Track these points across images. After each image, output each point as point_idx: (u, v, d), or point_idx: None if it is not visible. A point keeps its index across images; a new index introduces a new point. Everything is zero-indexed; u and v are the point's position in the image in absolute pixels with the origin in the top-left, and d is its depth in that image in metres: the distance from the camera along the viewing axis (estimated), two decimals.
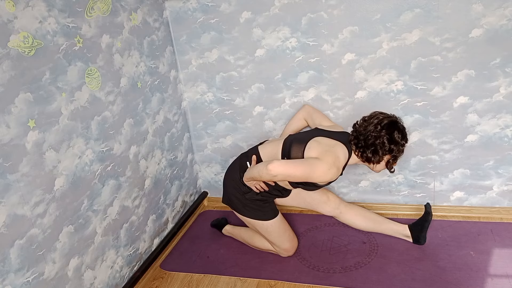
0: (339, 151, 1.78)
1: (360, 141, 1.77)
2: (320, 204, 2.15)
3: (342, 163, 1.77)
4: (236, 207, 2.04)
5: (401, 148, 1.77)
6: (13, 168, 1.40)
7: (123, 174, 1.98)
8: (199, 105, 2.54)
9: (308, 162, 1.72)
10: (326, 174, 1.70)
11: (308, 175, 1.71)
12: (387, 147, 1.74)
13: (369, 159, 1.78)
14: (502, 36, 1.90)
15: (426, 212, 2.03)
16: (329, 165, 1.70)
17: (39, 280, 1.50)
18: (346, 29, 2.09)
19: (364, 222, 2.14)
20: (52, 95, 1.56)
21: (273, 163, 1.70)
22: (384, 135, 1.73)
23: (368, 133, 1.75)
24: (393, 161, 1.80)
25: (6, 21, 1.38)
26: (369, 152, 1.76)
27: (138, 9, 2.09)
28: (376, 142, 1.73)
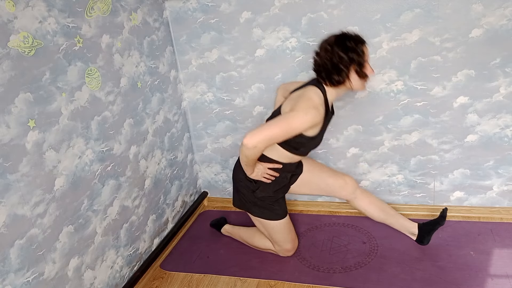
0: (310, 93, 1.72)
1: (323, 71, 1.71)
2: (336, 188, 2.08)
3: (318, 102, 1.69)
4: (247, 207, 2.01)
5: (359, 51, 1.66)
6: (13, 168, 1.40)
7: (123, 174, 1.98)
8: (199, 105, 2.54)
9: (283, 117, 1.68)
10: (306, 118, 1.64)
11: (287, 128, 1.65)
12: (345, 59, 1.65)
13: (339, 81, 1.70)
14: (502, 36, 1.90)
15: (442, 217, 2.00)
16: (303, 109, 1.64)
17: (39, 280, 1.50)
18: (346, 29, 2.08)
19: (376, 212, 2.09)
20: (52, 95, 1.56)
21: (246, 137, 1.64)
22: (337, 51, 1.66)
23: (323, 59, 1.69)
24: (360, 68, 1.68)
25: (6, 21, 1.38)
26: (334, 74, 1.68)
27: (138, 9, 2.09)
28: (334, 61, 1.67)
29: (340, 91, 1.78)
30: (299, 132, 1.69)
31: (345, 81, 1.71)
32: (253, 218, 2.05)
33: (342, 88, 1.75)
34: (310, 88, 1.74)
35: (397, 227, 2.11)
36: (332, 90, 1.76)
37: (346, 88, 1.75)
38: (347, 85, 1.73)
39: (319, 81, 1.76)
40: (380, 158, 2.32)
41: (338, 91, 1.78)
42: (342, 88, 1.75)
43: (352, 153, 2.36)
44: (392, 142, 2.26)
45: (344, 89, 1.76)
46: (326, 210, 2.50)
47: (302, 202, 2.56)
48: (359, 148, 2.33)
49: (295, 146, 1.80)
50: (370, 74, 1.73)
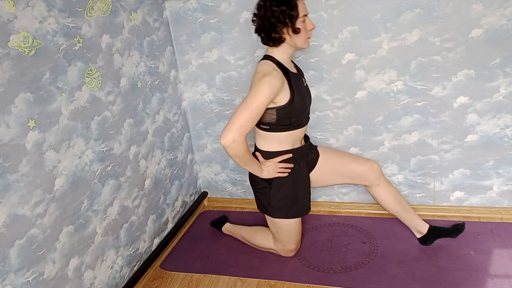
0: (259, 67, 1.70)
1: (262, 32, 1.70)
2: (360, 173, 1.96)
3: (269, 68, 1.66)
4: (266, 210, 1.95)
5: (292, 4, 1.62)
6: (13, 168, 1.40)
7: (123, 174, 1.98)
8: (199, 105, 2.54)
9: (244, 100, 1.64)
10: (263, 88, 1.60)
11: (252, 106, 1.61)
12: (278, 12, 1.62)
13: (278, 39, 1.67)
14: (502, 36, 1.90)
15: (457, 230, 1.99)
16: (257, 81, 1.62)
17: (39, 280, 1.50)
18: (346, 29, 2.09)
19: (393, 203, 2.01)
20: (52, 95, 1.56)
21: (221, 136, 1.62)
22: (269, 5, 1.63)
23: (260, 18, 1.67)
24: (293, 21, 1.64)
25: (6, 21, 1.38)
26: (272, 32, 1.66)
27: (138, 9, 2.09)
28: (267, 16, 1.63)
29: (288, 50, 1.74)
30: (267, 105, 1.65)
31: (283, 37, 1.68)
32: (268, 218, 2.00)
33: (287, 46, 1.72)
34: (258, 64, 1.74)
35: (407, 222, 2.05)
36: (278, 51, 1.73)
37: (291, 46, 1.72)
38: (289, 42, 1.70)
39: (265, 55, 1.76)
40: (380, 158, 2.32)
41: (286, 50, 1.74)
42: (287, 46, 1.72)
43: (352, 153, 2.36)
44: (392, 142, 2.26)
45: (290, 47, 1.73)
46: (326, 210, 2.50)
47: None
48: (359, 148, 2.33)
49: (284, 122, 1.75)
50: (310, 29, 1.71)
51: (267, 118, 1.75)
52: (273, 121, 1.75)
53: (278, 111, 1.71)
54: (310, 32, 1.73)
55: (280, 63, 1.73)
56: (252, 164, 1.78)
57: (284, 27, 1.65)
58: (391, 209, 2.04)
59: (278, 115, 1.72)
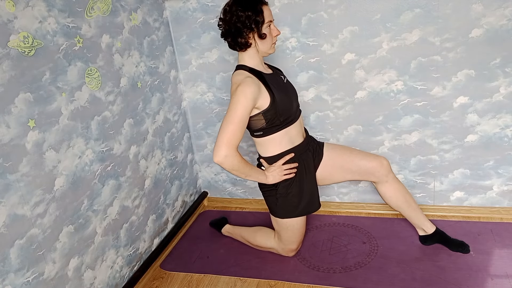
0: (234, 77, 1.71)
1: (228, 37, 1.70)
2: (369, 169, 1.92)
3: (242, 77, 1.67)
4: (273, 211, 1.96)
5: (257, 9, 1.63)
6: (13, 168, 1.40)
7: (123, 174, 1.98)
8: (199, 105, 2.54)
9: (226, 115, 1.65)
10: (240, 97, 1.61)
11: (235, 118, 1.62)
12: (243, 17, 1.62)
13: (245, 43, 1.67)
14: (502, 36, 1.90)
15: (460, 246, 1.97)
16: (233, 93, 1.64)
17: (39, 280, 1.50)
18: (346, 29, 2.09)
19: (400, 201, 1.96)
20: (52, 95, 1.56)
21: (213, 155, 1.63)
22: (235, 10, 1.63)
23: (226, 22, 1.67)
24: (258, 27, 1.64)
25: (6, 21, 1.38)
26: (238, 37, 1.66)
27: (138, 9, 2.09)
28: (233, 21, 1.63)
29: (255, 55, 1.74)
30: (249, 113, 1.66)
31: (250, 42, 1.68)
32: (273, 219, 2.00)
33: (253, 52, 1.72)
34: (232, 76, 1.75)
35: (414, 221, 2.01)
36: (248, 57, 1.74)
37: (256, 51, 1.72)
38: (255, 47, 1.70)
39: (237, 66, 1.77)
40: None
41: (255, 54, 1.74)
42: (253, 52, 1.72)
43: None
44: (392, 142, 2.26)
45: (256, 52, 1.73)
46: (326, 210, 2.50)
47: None
48: (359, 148, 2.33)
49: (273, 122, 1.74)
50: (275, 35, 1.71)
51: (257, 125, 1.76)
52: (264, 125, 1.75)
53: (265, 114, 1.71)
54: (275, 38, 1.74)
55: (252, 68, 1.73)
56: (254, 173, 1.78)
57: (250, 32, 1.66)
58: (398, 206, 1.99)
59: (266, 118, 1.72)
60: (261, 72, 1.74)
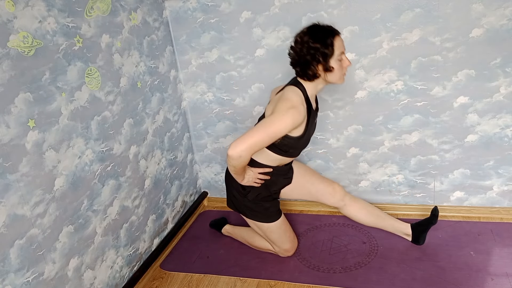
0: (289, 93, 1.69)
1: (297, 66, 1.70)
2: (325, 195, 2.07)
3: (297, 101, 1.66)
4: (240, 210, 2.02)
5: (329, 43, 1.61)
6: (13, 168, 1.40)
7: (123, 174, 1.97)
8: (199, 105, 2.54)
9: (263, 121, 1.65)
10: (286, 119, 1.61)
11: (270, 132, 1.62)
12: (315, 51, 1.61)
13: (314, 75, 1.66)
14: (502, 36, 1.90)
15: (433, 215, 2.01)
16: (283, 110, 1.62)
17: (39, 280, 1.50)
18: (346, 29, 2.09)
19: (367, 217, 2.08)
20: (52, 95, 1.56)
21: (230, 147, 1.63)
22: (307, 42, 1.62)
23: (297, 52, 1.67)
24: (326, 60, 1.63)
25: (6, 21, 1.37)
26: (308, 69, 1.65)
27: (138, 9, 2.09)
28: (303, 53, 1.63)
29: (319, 85, 1.74)
30: (282, 135, 1.67)
31: (319, 74, 1.67)
32: (248, 220, 2.05)
33: (320, 81, 1.72)
34: (289, 88, 1.72)
35: (391, 229, 2.11)
36: (310, 85, 1.73)
37: (324, 81, 1.72)
38: (323, 78, 1.69)
39: (298, 80, 1.74)
40: (380, 158, 2.32)
41: (317, 85, 1.74)
42: (320, 81, 1.72)
43: (352, 153, 2.36)
44: (392, 142, 2.26)
45: (323, 82, 1.72)
46: (326, 210, 2.50)
47: (302, 202, 2.56)
48: (359, 148, 2.33)
49: (283, 148, 1.78)
50: (346, 66, 1.70)
51: None
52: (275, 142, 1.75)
53: (284, 139, 1.72)
54: (345, 69, 1.71)
55: (308, 97, 1.73)
56: (241, 174, 1.82)
57: (318, 65, 1.65)
58: (367, 222, 2.11)
59: (282, 141, 1.73)
60: (311, 105, 1.75)
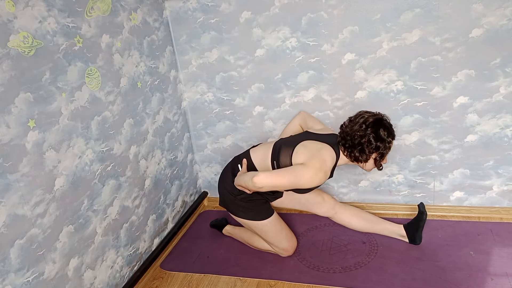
0: (326, 154, 1.78)
1: (347, 141, 1.78)
2: (315, 205, 2.16)
3: (329, 166, 1.78)
4: (230, 209, 2.04)
5: (387, 145, 1.77)
6: (13, 168, 1.40)
7: (123, 174, 1.98)
8: (199, 105, 2.54)
9: (294, 170, 1.73)
10: (313, 180, 1.71)
11: (294, 183, 1.72)
12: (373, 145, 1.74)
13: (357, 158, 1.79)
14: (502, 36, 1.90)
15: (420, 212, 2.03)
16: (315, 170, 1.71)
17: (39, 280, 1.50)
18: (346, 29, 2.09)
19: (359, 222, 2.15)
20: (52, 95, 1.56)
21: (259, 176, 1.71)
22: (369, 133, 1.73)
23: (354, 132, 1.75)
24: (380, 158, 1.80)
25: (6, 21, 1.37)
26: (356, 151, 1.77)
27: (138, 9, 2.09)
28: (362, 141, 1.74)
29: (350, 163, 1.86)
30: (301, 187, 1.76)
31: (362, 161, 1.79)
32: (242, 221, 2.07)
33: (354, 162, 1.82)
34: (328, 148, 1.81)
35: (385, 233, 2.13)
36: (345, 159, 1.84)
37: (357, 163, 1.82)
38: (360, 163, 1.81)
39: (338, 143, 1.83)
40: None
41: (348, 162, 1.85)
42: (354, 162, 1.82)
43: None
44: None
45: (355, 163, 1.83)
46: None
47: None
48: None
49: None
50: (383, 162, 1.83)
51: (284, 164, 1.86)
52: None
53: None
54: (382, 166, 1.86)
55: (336, 165, 1.84)
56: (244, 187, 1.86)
57: (369, 157, 1.79)
58: (360, 228, 2.17)
59: None
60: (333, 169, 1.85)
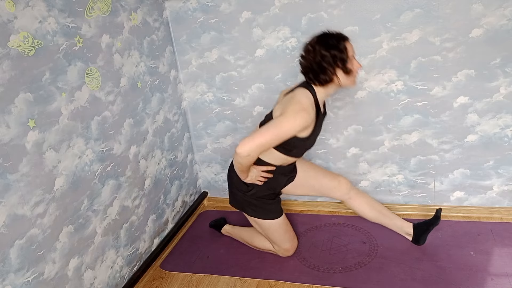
0: (300, 95, 1.72)
1: (309, 72, 1.73)
2: (330, 189, 2.09)
3: (308, 104, 1.69)
4: (241, 207, 2.03)
5: (342, 48, 1.67)
6: (13, 168, 1.40)
7: (123, 174, 1.98)
8: (199, 105, 2.54)
9: (273, 122, 1.68)
10: (296, 121, 1.64)
11: (278, 134, 1.65)
12: (329, 57, 1.66)
13: (326, 80, 1.71)
14: (502, 36, 1.90)
15: (436, 217, 2.01)
16: (293, 112, 1.65)
17: (39, 280, 1.50)
18: (346, 29, 2.09)
19: (371, 212, 2.10)
20: (52, 95, 1.56)
21: (239, 145, 1.66)
22: (319, 49, 1.67)
23: (308, 60, 1.71)
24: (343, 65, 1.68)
25: (6, 21, 1.38)
26: (321, 74, 1.70)
27: (138, 9, 2.09)
28: (317, 60, 1.67)
29: (330, 89, 1.77)
30: (291, 136, 1.69)
31: (332, 79, 1.71)
32: (249, 218, 2.05)
33: (331, 86, 1.75)
34: (299, 90, 1.75)
35: (393, 227, 2.12)
36: (321, 89, 1.76)
37: (336, 85, 1.75)
38: (336, 82, 1.73)
39: (308, 83, 1.77)
40: (380, 158, 2.32)
41: (328, 90, 1.77)
42: (331, 86, 1.75)
43: (352, 153, 2.36)
44: (392, 142, 2.26)
45: (334, 86, 1.76)
46: (326, 210, 2.50)
47: (302, 202, 2.56)
48: (359, 148, 2.33)
49: (288, 147, 1.79)
50: (357, 69, 1.74)
51: None
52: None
53: (290, 139, 1.73)
54: (357, 71, 1.76)
55: (317, 100, 1.77)
56: (245, 172, 1.84)
57: (336, 70, 1.69)
58: (370, 218, 2.12)
59: (288, 140, 1.74)
60: (319, 109, 1.78)
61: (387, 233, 2.19)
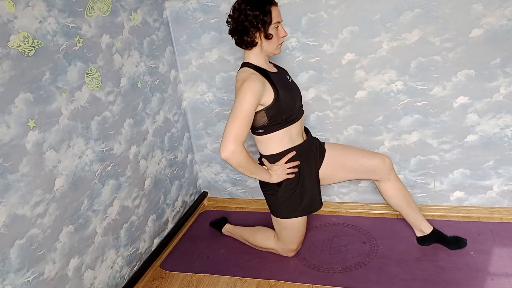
0: (238, 76, 1.74)
1: (235, 35, 1.72)
2: (371, 168, 1.92)
3: (247, 74, 1.69)
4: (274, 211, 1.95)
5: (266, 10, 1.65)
6: (13, 168, 1.40)
7: (123, 174, 1.98)
8: (199, 105, 2.54)
9: (232, 111, 1.67)
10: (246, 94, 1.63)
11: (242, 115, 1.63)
12: (251, 17, 1.64)
13: (251, 42, 1.70)
14: (502, 36, 1.90)
15: (457, 243, 1.99)
16: (240, 90, 1.64)
17: (39, 280, 1.50)
18: (346, 29, 2.09)
19: (399, 200, 1.97)
20: (52, 95, 1.56)
21: (220, 152, 1.64)
22: (244, 8, 1.65)
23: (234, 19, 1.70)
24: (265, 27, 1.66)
25: (6, 21, 1.38)
26: (244, 36, 1.69)
27: (138, 9, 2.09)
28: (241, 19, 1.66)
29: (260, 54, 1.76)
30: (255, 109, 1.67)
31: (256, 41, 1.70)
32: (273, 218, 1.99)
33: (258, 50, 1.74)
34: (237, 73, 1.78)
35: (411, 220, 2.02)
36: (254, 55, 1.76)
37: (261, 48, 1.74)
38: (260, 47, 1.72)
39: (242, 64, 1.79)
40: None
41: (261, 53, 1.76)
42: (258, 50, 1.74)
43: None
44: (392, 142, 2.26)
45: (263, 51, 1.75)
46: (326, 210, 2.50)
47: None
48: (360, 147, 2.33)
49: (276, 121, 1.75)
50: (282, 36, 1.73)
51: (259, 122, 1.77)
52: (266, 123, 1.76)
53: (267, 111, 1.72)
54: (282, 39, 1.76)
55: (258, 66, 1.76)
56: (259, 171, 1.78)
57: (256, 32, 1.69)
58: (397, 205, 1.99)
59: (268, 115, 1.73)
60: (266, 70, 1.77)
61: (387, 233, 2.19)
